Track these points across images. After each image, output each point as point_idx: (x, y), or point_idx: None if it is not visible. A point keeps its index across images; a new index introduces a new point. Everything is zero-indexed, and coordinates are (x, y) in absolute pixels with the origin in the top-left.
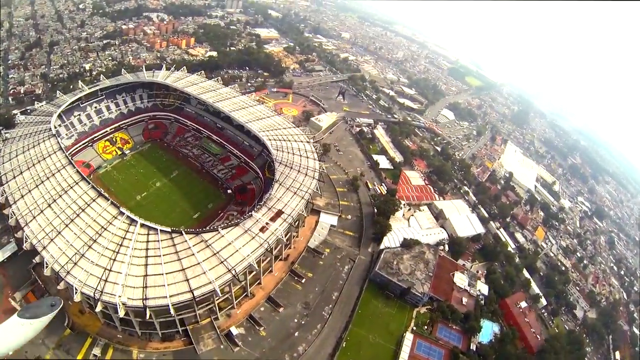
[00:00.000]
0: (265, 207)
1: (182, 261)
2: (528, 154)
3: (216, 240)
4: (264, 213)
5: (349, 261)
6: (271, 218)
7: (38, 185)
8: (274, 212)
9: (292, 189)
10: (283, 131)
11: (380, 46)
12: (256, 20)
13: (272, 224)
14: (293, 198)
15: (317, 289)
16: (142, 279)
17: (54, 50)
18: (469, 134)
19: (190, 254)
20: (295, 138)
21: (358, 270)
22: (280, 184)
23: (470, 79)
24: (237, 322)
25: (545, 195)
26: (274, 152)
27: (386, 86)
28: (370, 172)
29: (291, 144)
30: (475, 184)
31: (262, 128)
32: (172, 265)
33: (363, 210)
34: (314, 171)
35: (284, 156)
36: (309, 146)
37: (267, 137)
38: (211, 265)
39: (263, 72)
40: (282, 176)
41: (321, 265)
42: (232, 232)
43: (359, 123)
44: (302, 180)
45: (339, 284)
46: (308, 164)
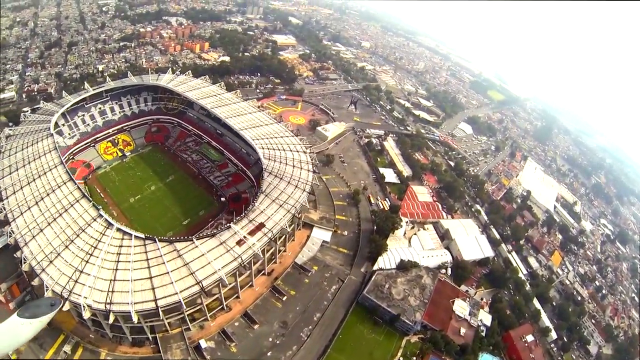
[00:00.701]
0: (246, 219)
1: (152, 269)
2: (549, 172)
3: (189, 251)
4: (243, 225)
5: (337, 281)
6: (250, 231)
7: (29, 183)
8: (255, 225)
9: (279, 202)
10: (279, 140)
11: (400, 56)
12: (275, 26)
13: (249, 238)
14: (278, 211)
15: (299, 308)
16: (110, 283)
17: (71, 51)
18: (486, 149)
19: (161, 263)
20: (291, 147)
21: (346, 291)
22: (266, 196)
23: (493, 92)
24: (209, 335)
25: (564, 217)
26: (265, 162)
27: (402, 97)
28: (375, 186)
29: (285, 154)
30: (488, 203)
31: (258, 136)
32: (141, 272)
33: (362, 227)
34: (306, 183)
35: (275, 166)
36: (305, 156)
37: (261, 145)
38: (180, 276)
39: (274, 79)
40: (270, 187)
41: (306, 283)
42: (206, 244)
43: (369, 134)
44: (290, 192)
45: (323, 304)
46: (300, 176)
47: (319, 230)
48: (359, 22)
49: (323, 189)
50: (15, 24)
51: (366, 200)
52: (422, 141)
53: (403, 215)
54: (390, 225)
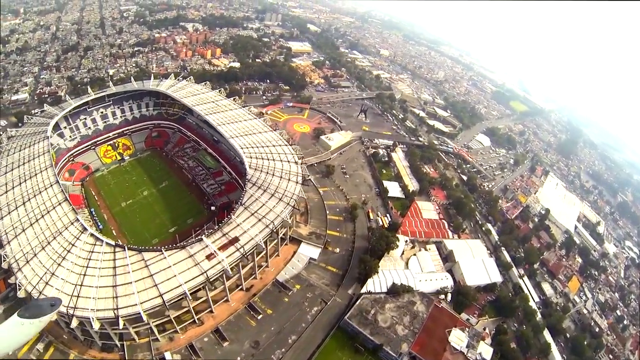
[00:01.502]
0: (219, 232)
1: (117, 277)
2: (572, 189)
3: (156, 262)
4: (215, 239)
5: (320, 302)
6: (222, 246)
7: (20, 184)
8: (228, 240)
9: (258, 215)
10: (271, 149)
11: (420, 65)
12: (292, 33)
13: (219, 253)
14: (255, 225)
15: (274, 328)
16: (75, 287)
17: (86, 55)
18: (504, 163)
19: (127, 272)
20: (282, 157)
21: (328, 314)
22: (245, 208)
23: (516, 103)
24: (176, 348)
25: (586, 238)
26: (250, 172)
27: (418, 106)
28: (377, 200)
29: (274, 164)
30: (501, 221)
31: (249, 144)
32: (106, 280)
33: (356, 244)
34: (291, 197)
35: (260, 177)
36: (296, 167)
37: (249, 154)
38: (144, 287)
39: (284, 86)
40: (251, 199)
41: (285, 302)
42: (175, 255)
43: (376, 144)
44: (273, 205)
45: (300, 326)
46: (287, 188)
47: (307, 247)
48: (380, 31)
49: (318, 202)
50: (39, 28)
51: (365, 215)
52: (433, 153)
53: (403, 234)
54: (384, 245)
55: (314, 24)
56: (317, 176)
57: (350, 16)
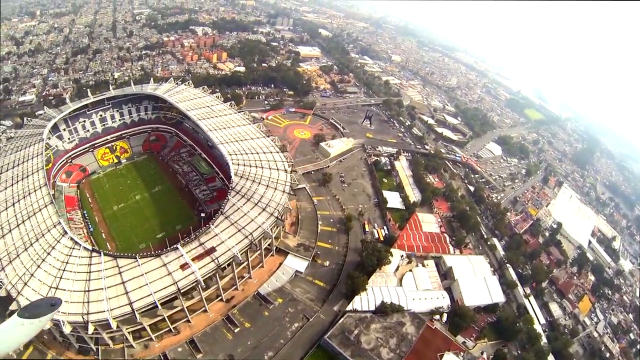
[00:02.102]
0: (196, 242)
1: (91, 282)
2: (586, 201)
3: (130, 269)
4: (191, 248)
5: (302, 318)
6: (198, 256)
7: (13, 185)
8: (204, 250)
9: (238, 226)
10: (261, 156)
11: (432, 71)
12: (302, 38)
13: (193, 264)
14: (234, 236)
15: (250, 343)
16: (51, 290)
17: (95, 58)
18: (515, 173)
19: (100, 277)
20: (271, 165)
21: (309, 331)
22: (226, 217)
23: (531, 111)
24: (150, 357)
25: (600, 254)
26: (235, 180)
27: (427, 113)
28: (375, 212)
29: (262, 171)
30: (508, 236)
31: (238, 150)
32: (80, 284)
33: (347, 258)
34: (275, 207)
35: (245, 185)
36: (285, 176)
37: (237, 161)
38: (115, 294)
39: (288, 91)
40: (232, 209)
41: (265, 316)
42: (149, 263)
43: (379, 152)
44: (255, 215)
45: (278, 342)
46: (272, 197)
47: (294, 259)
48: (394, 37)
49: (310, 212)
50: (53, 30)
51: (360, 227)
52: (439, 162)
53: (399, 248)
54: (375, 260)
55: (326, 29)
56: (313, 184)
57: (364, 22)
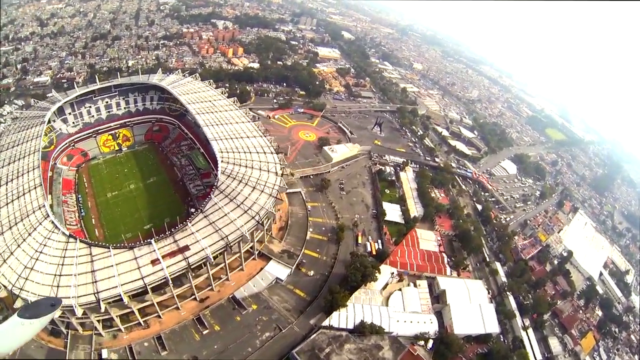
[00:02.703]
0: (171, 238)
1: (63, 267)
2: (602, 230)
3: (102, 258)
4: (165, 245)
5: (274, 328)
6: (170, 253)
7: (9, 164)
8: (177, 247)
9: (215, 226)
10: (253, 155)
11: (453, 82)
12: (323, 38)
13: (163, 261)
14: (210, 236)
15: (217, 347)
16: (25, 270)
17: (113, 44)
18: (529, 194)
19: (72, 263)
20: (262, 166)
21: (280, 342)
22: (205, 217)
23: (552, 131)
24: (116, 347)
25: (610, 288)
26: (222, 178)
27: (442, 124)
28: (371, 223)
29: (251, 172)
30: (513, 261)
31: (230, 148)
32: (53, 268)
33: (334, 270)
34: (258, 210)
35: (231, 185)
36: (274, 179)
37: (226, 159)
38: (84, 281)
39: (300, 91)
40: (213, 208)
41: (237, 321)
42: (121, 255)
43: (385, 161)
44: (235, 217)
45: (246, 350)
46: (256, 200)
47: (275, 265)
48: (418, 45)
49: (301, 218)
50: (78, 14)
51: (353, 238)
52: (448, 176)
53: (391, 264)
54: (360, 275)
55: (349, 32)
56: (309, 189)
57: (390, 27)
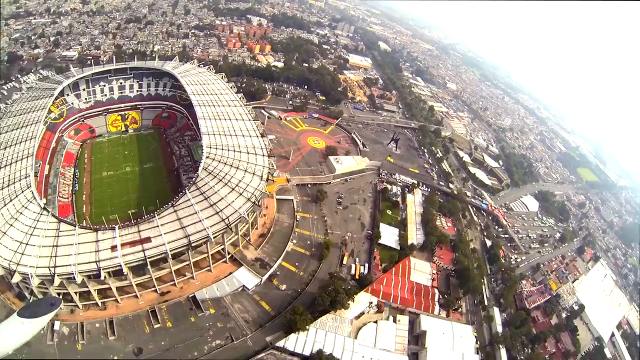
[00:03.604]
0: (134, 228)
1: (32, 237)
2: (622, 285)
3: (67, 235)
4: (127, 233)
5: (227, 337)
6: (130, 242)
7: (14, 130)
8: (139, 238)
9: (182, 223)
10: (242, 155)
11: (486, 107)
12: (357, 46)
13: (121, 249)
14: (173, 233)
15: (164, 343)
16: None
17: (144, 28)
18: (547, 236)
19: (39, 235)
20: (249, 168)
21: (229, 353)
22: (175, 211)
23: (584, 171)
24: (70, 322)
25: (621, 353)
26: (202, 175)
27: (465, 149)
28: (363, 245)
29: (235, 172)
30: (515, 308)
31: (220, 145)
32: (21, 236)
33: (309, 288)
34: (231, 214)
35: (210, 183)
36: (257, 183)
37: (213, 156)
38: (47, 254)
39: (320, 95)
40: (185, 204)
41: (190, 322)
42: (85, 235)
43: (394, 180)
44: (204, 217)
45: (192, 354)
46: (232, 202)
47: (245, 273)
48: (457, 65)
49: (287, 227)
50: None
51: (338, 257)
52: (459, 205)
53: (373, 293)
54: (328, 301)
55: (387, 43)
56: (304, 199)
57: (431, 44)
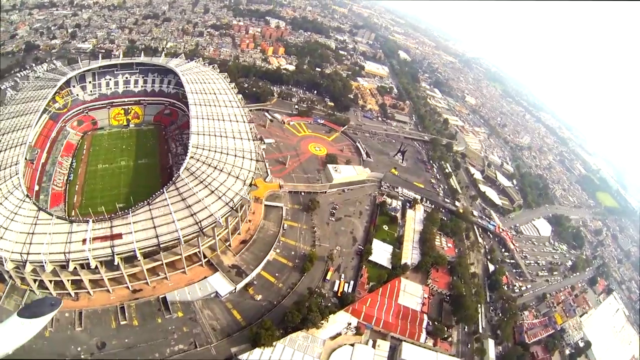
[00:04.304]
0: (107, 223)
1: (12, 222)
2: (634, 321)
3: (44, 224)
4: (100, 227)
5: (191, 343)
6: (101, 237)
7: (15, 117)
8: (110, 234)
9: (155, 222)
10: (228, 158)
11: (505, 123)
12: (375, 54)
13: (91, 243)
14: (144, 232)
15: (127, 341)
16: None
17: (161, 25)
18: (558, 263)
19: (17, 221)
20: (233, 172)
21: None
22: (149, 210)
23: (604, 195)
24: None
25: None
26: (183, 174)
27: (478, 166)
28: (352, 260)
29: (218, 175)
30: (512, 342)
31: (207, 146)
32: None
33: (286, 301)
34: (205, 217)
35: (189, 184)
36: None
37: (198, 156)
38: (22, 240)
39: (329, 101)
40: (161, 203)
41: (157, 323)
42: (60, 226)
43: (395, 194)
44: (178, 217)
45: (153, 355)
46: (210, 205)
47: (219, 279)
48: (479, 79)
49: (271, 235)
50: None
51: (322, 272)
52: (463, 225)
53: (354, 314)
54: (299, 318)
55: (407, 52)
56: (295, 207)
57: (454, 57)
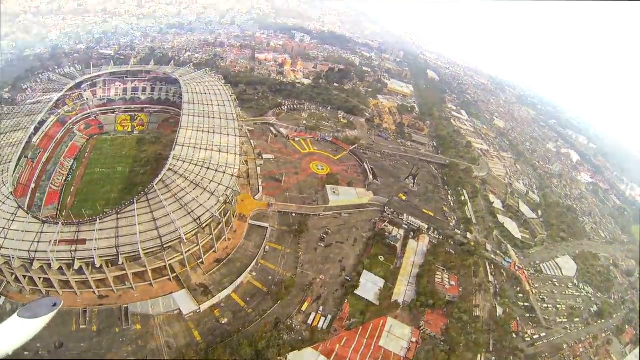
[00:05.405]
0: (75, 227)
1: None
2: None
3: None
4: (68, 230)
5: (144, 356)
6: (67, 240)
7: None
8: (75, 238)
9: (118, 232)
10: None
11: (534, 149)
12: (401, 72)
13: (56, 245)
14: (106, 240)
15: (83, 345)
16: None
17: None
18: (581, 309)
19: None
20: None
21: None
22: (117, 219)
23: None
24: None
25: None
26: (158, 186)
27: (500, 194)
28: (336, 292)
29: (194, 189)
30: None
31: (189, 158)
32: None
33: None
34: (168, 233)
35: (161, 197)
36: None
37: (176, 168)
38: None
39: (342, 118)
40: (129, 213)
41: (114, 333)
42: (34, 225)
43: (399, 221)
44: (140, 230)
45: None
46: (178, 224)
47: (184, 296)
48: (511, 102)
49: (249, 257)
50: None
51: (299, 302)
52: (473, 260)
53: (324, 353)
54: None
55: (436, 72)
56: (281, 228)
57: (486, 78)
